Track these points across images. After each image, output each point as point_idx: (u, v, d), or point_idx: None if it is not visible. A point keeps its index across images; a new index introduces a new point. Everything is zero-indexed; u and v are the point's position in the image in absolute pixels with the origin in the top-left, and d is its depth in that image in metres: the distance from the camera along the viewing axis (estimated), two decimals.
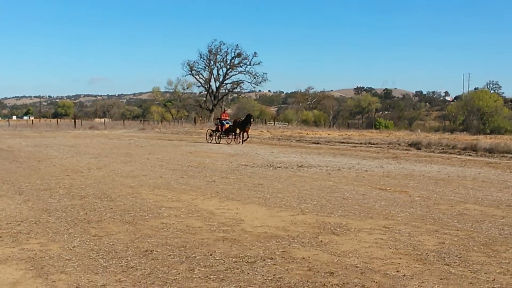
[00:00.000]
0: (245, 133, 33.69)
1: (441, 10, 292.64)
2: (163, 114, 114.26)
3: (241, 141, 33.38)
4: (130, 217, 9.43)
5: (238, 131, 33.84)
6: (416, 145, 30.81)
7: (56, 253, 6.98)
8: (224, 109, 43.21)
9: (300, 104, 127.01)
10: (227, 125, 34.59)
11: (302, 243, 7.64)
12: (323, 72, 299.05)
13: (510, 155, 24.82)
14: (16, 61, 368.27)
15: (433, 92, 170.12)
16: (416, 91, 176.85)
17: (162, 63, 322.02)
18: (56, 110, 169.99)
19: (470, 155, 25.95)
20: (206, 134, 36.43)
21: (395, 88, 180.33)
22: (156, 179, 14.74)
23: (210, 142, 34.31)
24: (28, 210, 10.07)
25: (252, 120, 34.37)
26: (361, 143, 33.87)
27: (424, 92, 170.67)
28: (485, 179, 15.50)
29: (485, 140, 32.97)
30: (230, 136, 34.04)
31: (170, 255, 6.93)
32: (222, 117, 35.72)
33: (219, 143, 33.67)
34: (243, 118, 34.92)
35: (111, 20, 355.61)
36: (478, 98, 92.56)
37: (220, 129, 34.67)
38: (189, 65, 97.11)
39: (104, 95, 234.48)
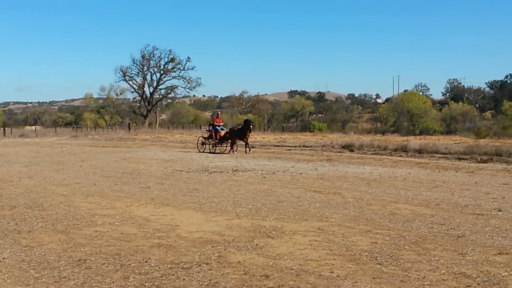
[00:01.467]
0: (246, 141, 29.47)
1: (370, 12, 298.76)
2: (97, 120, 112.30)
3: (246, 149, 29.18)
4: (63, 226, 9.25)
5: (236, 140, 29.97)
6: (349, 147, 31.33)
7: None
8: (218, 113, 36.80)
9: (235, 109, 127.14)
10: (222, 132, 30.40)
11: (238, 247, 7.67)
12: (257, 76, 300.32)
13: (439, 155, 25.56)
14: None
15: (365, 95, 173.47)
16: (348, 94, 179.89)
17: (95, 69, 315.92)
18: None
19: (400, 156, 26.58)
20: (197, 142, 32.00)
21: (328, 91, 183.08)
22: (89, 186, 14.50)
23: (203, 152, 30.25)
24: None
25: (252, 126, 30.11)
26: (295, 146, 34.20)
27: (356, 95, 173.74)
28: (415, 179, 15.92)
29: (414, 141, 33.84)
30: (224, 145, 30.26)
31: (104, 263, 6.84)
32: (216, 123, 31.27)
33: (214, 152, 29.73)
34: (240, 126, 31.20)
35: (38, 24, 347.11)
36: (408, 100, 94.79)
37: (214, 136, 30.40)
38: (122, 70, 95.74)
39: (35, 102, 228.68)
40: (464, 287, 5.83)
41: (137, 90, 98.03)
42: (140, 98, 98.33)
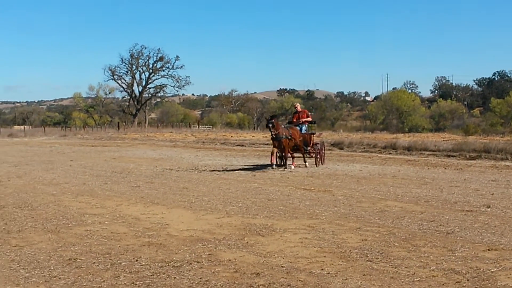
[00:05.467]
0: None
1: (358, 10, 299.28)
2: (86, 120, 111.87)
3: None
4: (53, 225, 9.22)
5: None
6: (338, 145, 31.43)
7: None
8: (295, 105, 22.00)
9: (224, 107, 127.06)
10: (296, 134, 19.22)
11: (228, 245, 7.67)
12: (246, 74, 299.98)
13: (428, 152, 25.68)
14: None
15: (354, 93, 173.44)
16: (337, 92, 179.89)
17: (83, 68, 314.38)
18: None
19: (390, 153, 26.68)
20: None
21: (317, 89, 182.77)
22: (79, 186, 14.46)
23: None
24: None
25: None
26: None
27: (345, 93, 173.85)
28: (405, 176, 15.99)
29: (404, 139, 34.04)
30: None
31: (94, 262, 6.83)
32: (301, 119, 20.43)
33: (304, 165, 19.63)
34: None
35: (26, 23, 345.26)
36: (397, 97, 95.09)
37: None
38: (110, 69, 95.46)
39: (23, 102, 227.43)
40: (454, 283, 5.86)
41: (126, 89, 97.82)
42: (129, 97, 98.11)
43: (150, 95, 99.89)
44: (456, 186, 13.78)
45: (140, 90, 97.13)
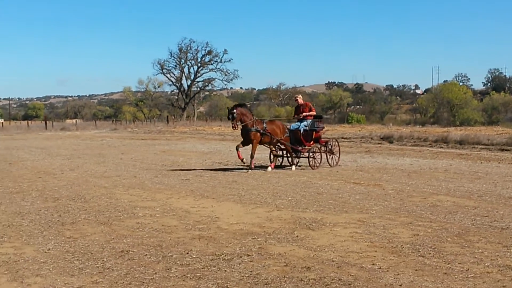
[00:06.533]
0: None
1: (408, 2, 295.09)
2: (135, 113, 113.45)
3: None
4: (105, 217, 9.37)
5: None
6: (388, 139, 31.09)
7: (31, 256, 6.91)
8: (296, 97, 19.40)
9: (272, 101, 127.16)
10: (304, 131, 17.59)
11: (278, 239, 7.66)
12: (294, 67, 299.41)
13: (480, 146, 25.18)
14: None
15: (404, 86, 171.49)
16: (386, 85, 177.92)
17: (133, 62, 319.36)
18: (27, 112, 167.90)
19: (441, 147, 26.26)
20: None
21: (366, 82, 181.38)
22: (130, 179, 14.66)
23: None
24: (0, 213, 9.95)
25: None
26: (333, 138, 33.97)
27: (395, 86, 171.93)
28: (457, 171, 15.71)
29: (455, 132, 33.39)
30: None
31: (146, 254, 6.91)
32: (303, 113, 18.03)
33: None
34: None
35: (77, 19, 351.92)
36: (448, 90, 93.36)
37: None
38: (159, 63, 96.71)
39: (74, 96, 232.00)
40: (509, 280, 5.72)
41: (174, 83, 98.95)
42: (177, 91, 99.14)
43: (198, 88, 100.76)
44: (511, 180, 13.47)
45: (188, 83, 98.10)
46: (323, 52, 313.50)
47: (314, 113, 18.21)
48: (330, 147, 18.20)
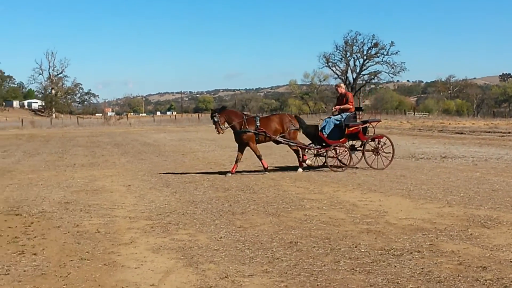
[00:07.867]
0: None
1: None
2: (301, 106, 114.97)
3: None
4: (273, 209, 9.53)
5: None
6: None
7: (204, 244, 7.19)
8: (338, 85, 17.01)
9: (441, 94, 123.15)
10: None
11: (451, 236, 7.35)
12: (464, 59, 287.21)
13: None
14: (159, 59, 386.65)
15: None
16: None
17: (298, 56, 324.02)
18: (197, 105, 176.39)
19: None
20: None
21: None
22: (295, 171, 14.80)
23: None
24: (175, 202, 10.47)
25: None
26: (509, 133, 32.15)
27: None
28: None
29: None
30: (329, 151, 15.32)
31: (314, 246, 6.92)
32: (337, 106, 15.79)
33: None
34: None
35: (243, 16, 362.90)
36: None
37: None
38: (325, 57, 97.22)
39: (242, 89, 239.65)
40: None
41: (340, 76, 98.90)
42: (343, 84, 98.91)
43: (364, 81, 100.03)
44: None
45: (354, 76, 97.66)
46: (497, 42, 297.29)
47: (349, 106, 15.33)
48: (376, 145, 15.62)
